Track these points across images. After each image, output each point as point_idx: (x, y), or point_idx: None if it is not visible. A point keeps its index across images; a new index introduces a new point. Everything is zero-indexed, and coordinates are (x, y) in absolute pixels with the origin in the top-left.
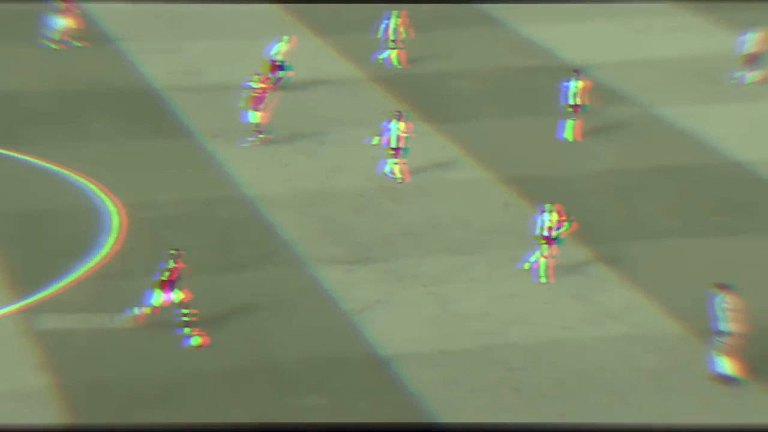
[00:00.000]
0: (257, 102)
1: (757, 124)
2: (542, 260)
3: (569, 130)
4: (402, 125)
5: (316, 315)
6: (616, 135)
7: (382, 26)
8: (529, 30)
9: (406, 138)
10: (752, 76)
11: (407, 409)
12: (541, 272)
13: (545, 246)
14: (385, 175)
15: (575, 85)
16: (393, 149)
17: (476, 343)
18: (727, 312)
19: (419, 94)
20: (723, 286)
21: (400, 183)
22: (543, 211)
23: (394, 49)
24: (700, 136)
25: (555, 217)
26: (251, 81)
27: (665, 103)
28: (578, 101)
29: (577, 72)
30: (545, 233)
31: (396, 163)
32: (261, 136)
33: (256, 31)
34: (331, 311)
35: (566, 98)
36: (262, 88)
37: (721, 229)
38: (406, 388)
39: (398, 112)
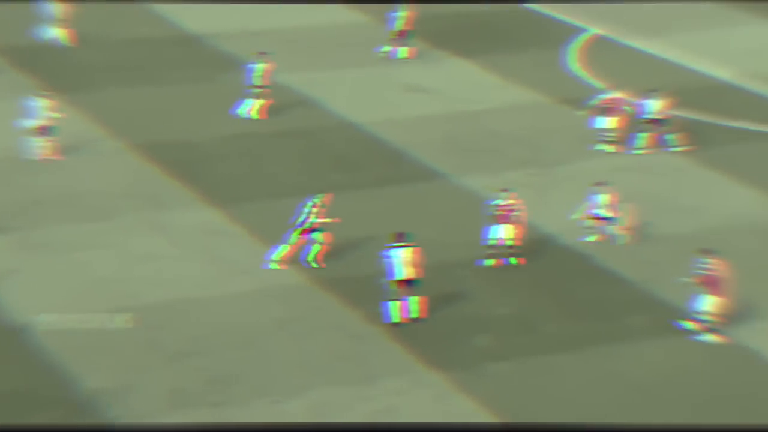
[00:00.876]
0: None
1: (369, 87)
2: (316, 246)
3: (255, 109)
4: (47, 102)
5: None
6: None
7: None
8: (150, 1)
9: (53, 116)
10: (402, 51)
11: (49, 375)
12: (311, 257)
13: (301, 236)
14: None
15: (260, 67)
16: (39, 128)
17: (114, 305)
18: (400, 260)
19: (45, 66)
20: (400, 236)
21: (47, 161)
22: (310, 200)
23: (62, 27)
24: (316, 100)
25: (321, 205)
26: None
27: (284, 70)
28: (262, 82)
29: (261, 54)
30: (311, 222)
31: (43, 141)
32: None
33: None
34: None
35: (251, 79)
36: None
37: (339, 185)
38: (47, 353)
39: (43, 91)
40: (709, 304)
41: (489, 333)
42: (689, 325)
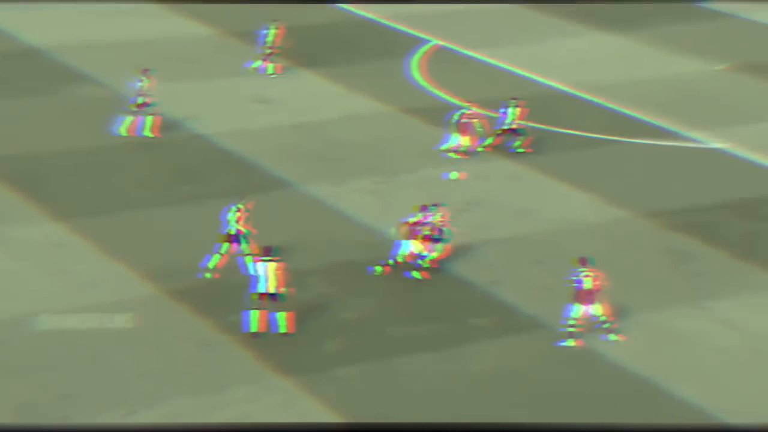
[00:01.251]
0: None
1: (216, 99)
2: (216, 256)
3: (125, 126)
4: None
5: None
6: (84, 114)
7: None
8: None
9: None
10: (271, 67)
11: None
12: (210, 266)
13: (228, 244)
14: None
15: (142, 86)
16: None
17: None
18: (265, 274)
19: None
20: (266, 249)
21: None
22: (233, 206)
23: None
24: (162, 113)
25: (245, 210)
26: None
27: (129, 82)
28: (144, 101)
29: (145, 71)
30: (233, 230)
31: None
32: None
33: None
34: None
35: (134, 98)
36: None
37: (186, 196)
38: None
39: None
40: (580, 312)
41: (337, 337)
42: (570, 341)
